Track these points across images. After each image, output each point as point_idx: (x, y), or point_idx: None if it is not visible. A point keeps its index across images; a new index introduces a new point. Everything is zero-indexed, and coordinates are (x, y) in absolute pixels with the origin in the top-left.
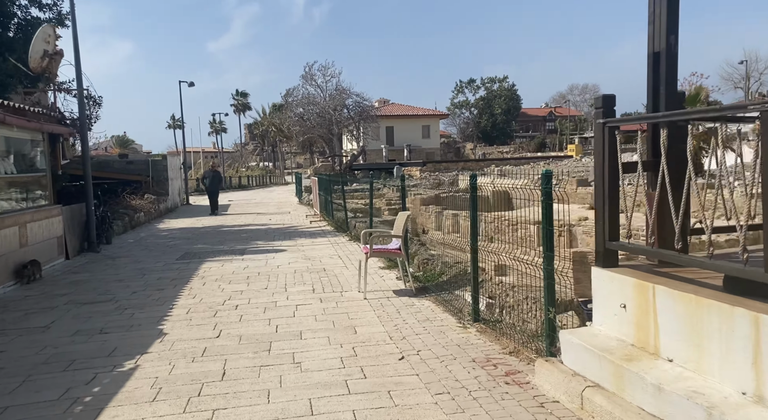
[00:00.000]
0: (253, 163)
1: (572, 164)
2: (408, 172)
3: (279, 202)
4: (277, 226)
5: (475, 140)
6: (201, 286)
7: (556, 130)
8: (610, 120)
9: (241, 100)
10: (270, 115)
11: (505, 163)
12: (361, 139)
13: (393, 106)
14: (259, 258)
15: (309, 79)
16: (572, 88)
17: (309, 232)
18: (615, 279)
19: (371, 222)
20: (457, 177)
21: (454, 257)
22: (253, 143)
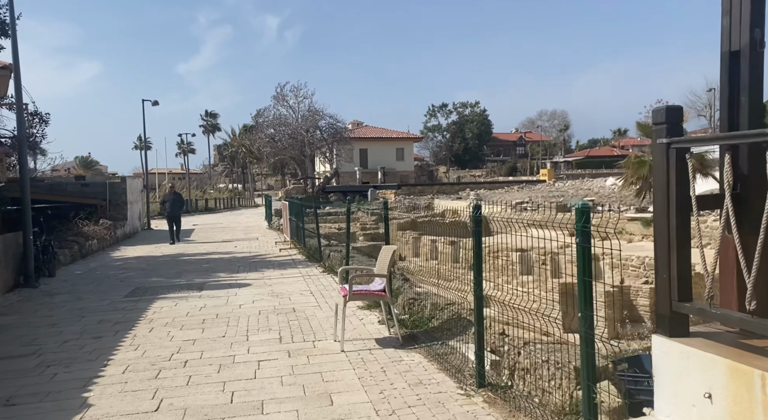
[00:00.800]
0: (221, 185)
1: (546, 189)
2: (382, 195)
3: (247, 226)
4: (242, 254)
5: (448, 164)
6: (147, 334)
7: (526, 154)
8: (678, 140)
9: (210, 121)
10: (240, 136)
11: (480, 187)
12: (334, 161)
13: (367, 129)
14: (219, 295)
15: (281, 99)
16: (541, 113)
17: (278, 261)
18: (692, 357)
19: (348, 252)
20: (432, 200)
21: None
22: (223, 165)
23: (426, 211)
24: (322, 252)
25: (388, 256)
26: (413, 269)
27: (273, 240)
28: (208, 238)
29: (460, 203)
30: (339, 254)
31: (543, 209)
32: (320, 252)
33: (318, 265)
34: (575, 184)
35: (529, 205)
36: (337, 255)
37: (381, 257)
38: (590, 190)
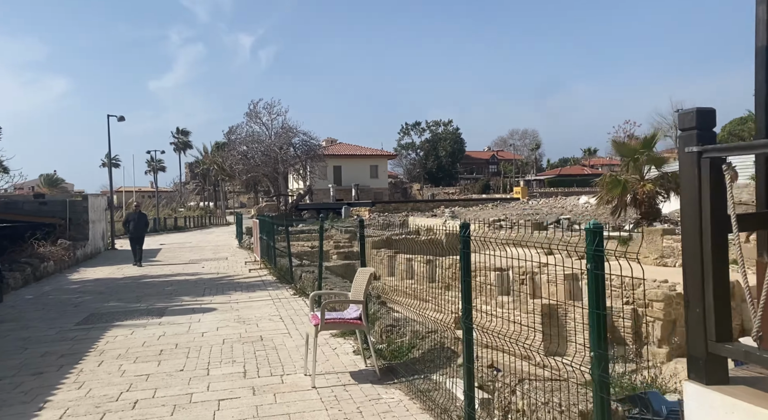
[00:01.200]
0: (192, 203)
1: (520, 207)
2: (356, 212)
3: (216, 245)
4: (210, 275)
5: (421, 181)
6: (95, 368)
7: (499, 172)
8: (713, 148)
9: (181, 138)
10: (212, 154)
11: (454, 204)
12: (308, 178)
13: (341, 146)
14: (180, 321)
15: (254, 116)
16: (513, 133)
17: (247, 283)
18: (738, 411)
19: (320, 273)
20: (407, 218)
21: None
22: (194, 182)
23: (401, 229)
24: (294, 273)
25: (365, 279)
26: (388, 289)
27: (243, 260)
28: (174, 258)
29: (435, 221)
30: (311, 275)
31: (518, 227)
32: (291, 273)
33: (289, 286)
34: (549, 202)
35: (505, 222)
36: (309, 276)
37: (357, 281)
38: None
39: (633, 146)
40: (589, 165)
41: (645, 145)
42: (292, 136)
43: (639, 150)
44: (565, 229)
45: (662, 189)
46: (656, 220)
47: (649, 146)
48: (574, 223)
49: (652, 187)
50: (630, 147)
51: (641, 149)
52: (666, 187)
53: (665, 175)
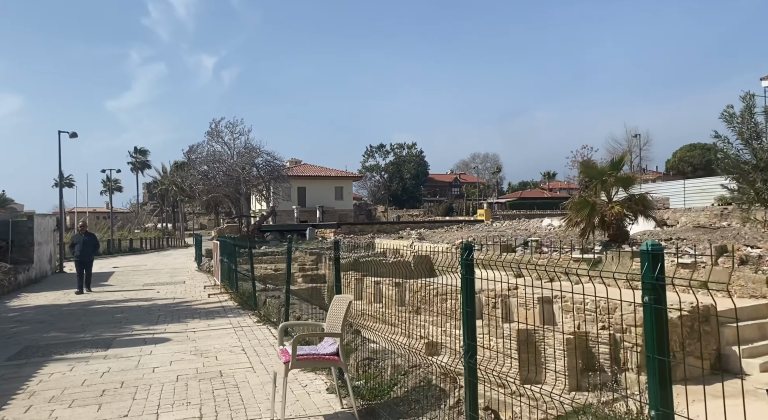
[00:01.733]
0: (150, 224)
1: (485, 229)
2: (321, 233)
3: (174, 268)
4: (165, 301)
5: (386, 203)
6: (20, 416)
7: (462, 195)
8: None
9: (139, 158)
10: (171, 174)
11: (420, 226)
12: (271, 199)
13: (305, 167)
14: (129, 354)
15: (215, 135)
16: (474, 156)
17: (206, 309)
18: None
19: (288, 299)
20: (373, 240)
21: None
22: (152, 203)
23: (367, 251)
24: (257, 298)
25: (343, 309)
26: (355, 314)
27: (202, 284)
28: (127, 282)
29: (402, 242)
30: (277, 301)
31: (488, 249)
32: (255, 298)
33: (252, 313)
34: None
35: (474, 244)
36: (274, 301)
37: (333, 310)
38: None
39: (601, 168)
40: (548, 188)
41: (613, 166)
42: (256, 156)
43: (607, 171)
44: (533, 251)
45: (630, 211)
46: (625, 243)
47: (617, 168)
48: (542, 245)
49: (620, 209)
50: (598, 169)
51: (609, 171)
52: (633, 209)
53: (632, 197)
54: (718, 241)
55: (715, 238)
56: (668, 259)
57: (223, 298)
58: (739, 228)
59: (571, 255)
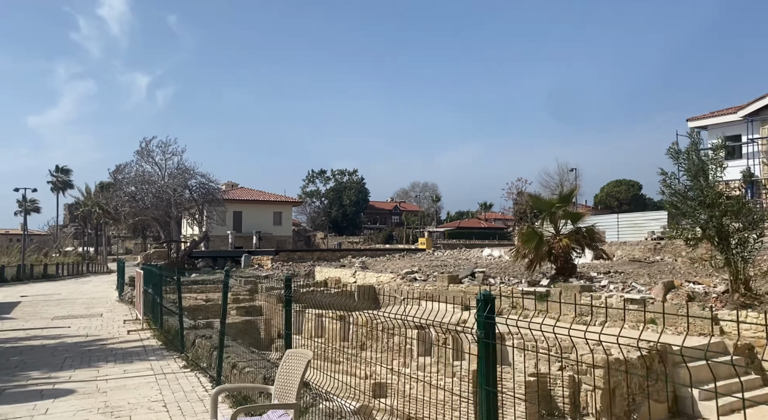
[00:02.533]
0: (69, 248)
1: (427, 258)
2: (258, 261)
3: (92, 298)
4: (76, 338)
5: (326, 230)
6: None
7: (402, 223)
8: None
9: (61, 177)
10: (96, 195)
11: (361, 254)
12: (204, 223)
13: (242, 191)
14: (18, 414)
15: (146, 155)
16: (414, 185)
17: (123, 350)
18: None
19: (222, 343)
20: (313, 268)
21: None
22: (73, 225)
23: (306, 280)
24: (185, 337)
25: (299, 370)
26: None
27: (122, 317)
28: (35, 314)
29: (345, 271)
30: (208, 342)
31: (434, 280)
32: (182, 337)
33: (178, 356)
34: (453, 254)
35: (419, 274)
36: (205, 343)
37: (285, 371)
38: (468, 260)
39: (550, 200)
40: (484, 218)
41: (562, 199)
42: (189, 178)
43: (556, 204)
44: (480, 282)
45: (577, 244)
46: (572, 276)
47: (567, 201)
48: (488, 277)
49: (568, 242)
50: (547, 201)
51: (558, 204)
52: (581, 242)
53: (579, 230)
54: (656, 275)
55: (653, 272)
56: (617, 295)
57: (145, 336)
58: (673, 262)
59: (520, 288)
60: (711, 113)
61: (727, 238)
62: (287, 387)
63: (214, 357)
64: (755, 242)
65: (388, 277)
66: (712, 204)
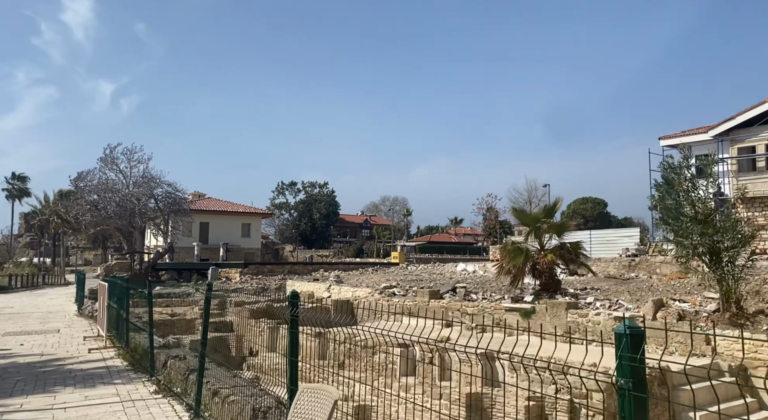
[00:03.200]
0: (24, 259)
1: (401, 272)
2: (226, 274)
3: (48, 312)
4: (29, 358)
5: (295, 243)
6: None
7: (372, 237)
8: None
9: (17, 185)
10: (54, 203)
11: (334, 268)
12: (169, 234)
13: (209, 201)
14: None
15: (109, 162)
16: (384, 199)
17: (84, 372)
18: None
19: (202, 366)
20: (284, 282)
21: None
22: (29, 235)
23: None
24: (156, 357)
25: (323, 415)
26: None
27: (82, 333)
28: None
29: (318, 286)
30: (183, 363)
31: (414, 294)
32: (152, 357)
33: (148, 379)
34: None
35: (398, 289)
36: (179, 364)
37: (301, 415)
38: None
39: (535, 214)
40: (455, 233)
41: (547, 213)
42: (155, 187)
43: (541, 218)
44: (462, 298)
45: (561, 259)
46: (557, 292)
47: (551, 215)
48: (470, 292)
49: (553, 257)
50: (532, 215)
51: (543, 218)
52: (566, 257)
53: (564, 245)
54: (635, 292)
55: (632, 289)
56: (604, 313)
57: (109, 355)
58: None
59: (504, 304)
60: (682, 132)
61: (719, 256)
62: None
63: (191, 381)
64: (748, 260)
65: (365, 292)
66: (705, 221)
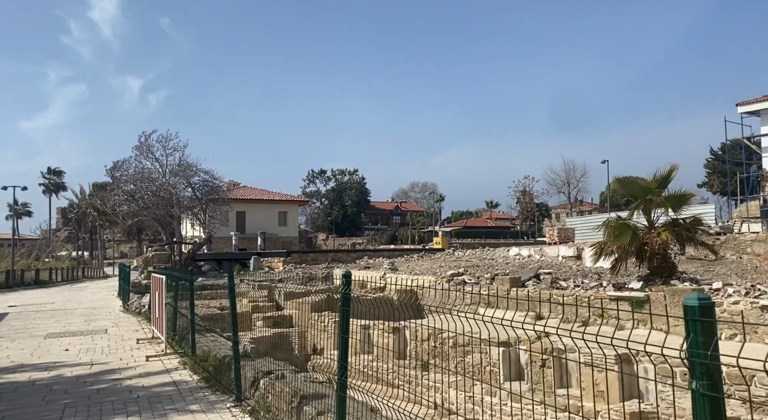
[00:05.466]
0: (63, 253)
1: (448, 258)
2: (268, 263)
3: (92, 308)
4: (78, 369)
5: (327, 231)
6: None
7: (404, 223)
8: None
9: (53, 179)
10: (90, 196)
11: (377, 255)
12: (207, 224)
13: (245, 190)
14: None
15: (145, 150)
16: (413, 185)
17: (147, 390)
18: None
19: (342, 402)
20: (331, 270)
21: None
22: (67, 229)
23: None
24: (241, 373)
25: None
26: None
27: (133, 333)
28: (23, 331)
29: (371, 273)
30: (284, 385)
31: (486, 282)
32: (238, 374)
33: (235, 404)
34: (476, 254)
35: (467, 277)
36: (281, 387)
37: None
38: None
39: (646, 184)
40: (492, 218)
41: (661, 182)
42: (191, 175)
43: (654, 189)
44: (549, 285)
45: (677, 238)
46: (672, 277)
47: (665, 184)
48: (558, 279)
49: (668, 235)
50: (642, 185)
51: (656, 188)
52: (681, 236)
53: (676, 221)
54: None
55: (734, 270)
56: (743, 300)
57: (172, 364)
58: (736, 259)
59: (606, 292)
60: (764, 96)
61: None
62: None
63: (307, 415)
64: None
65: (430, 280)
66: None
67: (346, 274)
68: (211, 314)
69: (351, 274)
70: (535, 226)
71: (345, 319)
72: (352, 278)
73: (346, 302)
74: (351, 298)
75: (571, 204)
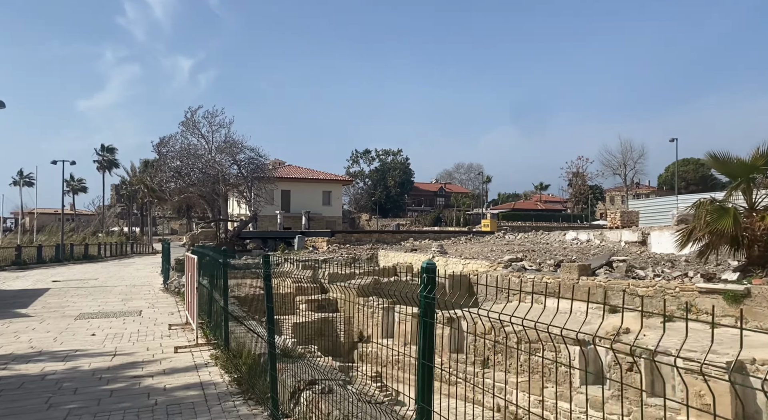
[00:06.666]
0: (116, 228)
1: (499, 242)
2: (312, 243)
3: (132, 285)
4: (97, 360)
5: (370, 211)
6: None
7: (448, 205)
8: None
9: (106, 156)
10: (140, 173)
11: (423, 237)
12: (252, 202)
13: (290, 168)
14: None
15: (191, 126)
16: (458, 166)
17: (167, 395)
18: None
19: None
20: (375, 251)
21: None
22: (120, 205)
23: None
24: (278, 380)
25: None
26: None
27: (167, 317)
28: (56, 311)
29: (417, 256)
30: (330, 403)
31: (549, 268)
32: (274, 385)
33: (265, 414)
34: (529, 238)
35: (528, 263)
36: (327, 406)
37: None
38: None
39: (748, 162)
40: (541, 201)
41: (753, 162)
42: (237, 152)
43: (759, 166)
44: (624, 274)
45: None
46: None
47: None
48: (634, 267)
49: None
50: (743, 163)
51: (762, 165)
52: None
53: None
54: None
55: None
56: None
57: (203, 359)
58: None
59: (696, 284)
60: None
61: None
62: None
63: None
64: None
65: (484, 266)
66: None
67: (428, 268)
68: (254, 294)
69: (436, 269)
70: (588, 209)
71: (428, 338)
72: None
73: (430, 312)
74: (435, 304)
75: (627, 187)
